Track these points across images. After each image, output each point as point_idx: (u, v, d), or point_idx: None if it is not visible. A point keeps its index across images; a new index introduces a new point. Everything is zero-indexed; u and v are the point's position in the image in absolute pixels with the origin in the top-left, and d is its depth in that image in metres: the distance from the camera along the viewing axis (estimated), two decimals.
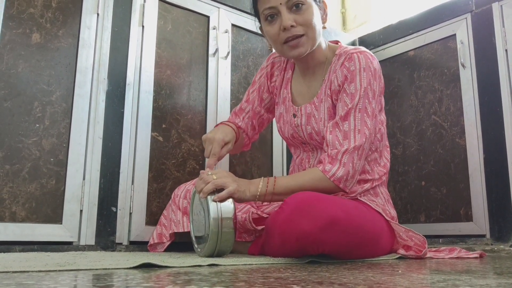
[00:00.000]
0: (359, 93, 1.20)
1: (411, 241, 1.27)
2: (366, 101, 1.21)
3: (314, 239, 1.06)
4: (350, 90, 1.21)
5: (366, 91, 1.21)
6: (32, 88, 1.34)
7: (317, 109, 1.30)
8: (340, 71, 1.25)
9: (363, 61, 1.22)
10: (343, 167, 1.17)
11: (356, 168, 1.19)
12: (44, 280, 0.61)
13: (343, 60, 1.26)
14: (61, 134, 1.37)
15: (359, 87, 1.21)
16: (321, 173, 1.18)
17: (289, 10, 1.20)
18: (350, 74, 1.22)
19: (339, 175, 1.17)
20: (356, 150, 1.18)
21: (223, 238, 1.09)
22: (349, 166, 1.18)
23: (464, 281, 0.65)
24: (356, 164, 1.19)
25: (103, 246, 1.38)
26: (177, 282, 0.61)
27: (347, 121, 1.20)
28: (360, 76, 1.21)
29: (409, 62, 2.02)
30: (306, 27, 1.21)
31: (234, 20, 1.82)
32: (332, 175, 1.17)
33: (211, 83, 1.71)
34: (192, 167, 1.62)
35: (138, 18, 1.58)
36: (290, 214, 1.09)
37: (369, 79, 1.22)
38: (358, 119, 1.20)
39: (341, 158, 1.18)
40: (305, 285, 0.58)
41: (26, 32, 1.35)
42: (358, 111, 1.20)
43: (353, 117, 1.20)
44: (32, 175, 1.30)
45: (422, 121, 1.93)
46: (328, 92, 1.28)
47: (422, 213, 1.87)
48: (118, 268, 0.81)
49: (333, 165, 1.18)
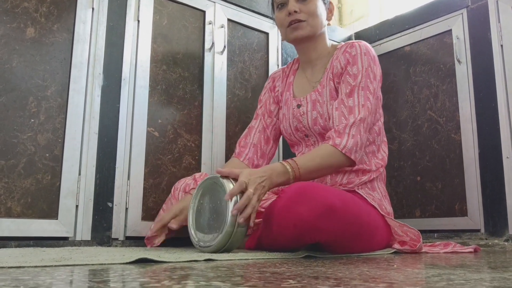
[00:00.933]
0: (361, 73, 1.31)
1: (406, 236, 1.29)
2: (368, 80, 1.31)
3: (311, 226, 1.08)
4: (352, 71, 1.32)
5: (367, 71, 1.32)
6: (27, 83, 1.33)
7: (321, 94, 1.39)
8: (342, 57, 1.36)
9: (363, 47, 1.35)
10: (352, 138, 1.24)
11: (363, 140, 1.27)
12: (40, 276, 0.61)
13: (345, 48, 1.39)
14: (57, 129, 1.36)
15: (361, 68, 1.32)
16: (332, 147, 1.23)
17: (296, 1, 1.38)
18: (352, 58, 1.34)
19: (349, 146, 1.23)
20: (362, 123, 1.26)
21: (235, 237, 1.08)
22: (357, 137, 1.24)
23: (459, 276, 0.65)
24: (362, 136, 1.26)
25: (99, 242, 1.38)
26: (173, 277, 0.62)
27: (351, 98, 1.29)
28: (361, 59, 1.33)
29: (405, 57, 2.02)
30: (308, 15, 1.38)
31: (230, 15, 1.81)
32: (343, 147, 1.23)
33: (207, 78, 1.71)
34: (188, 162, 1.61)
35: (134, 12, 1.57)
36: (288, 201, 1.10)
37: (369, 62, 1.33)
38: (362, 95, 1.29)
39: (349, 131, 1.25)
40: (301, 280, 0.59)
41: (21, 27, 1.34)
42: (361, 89, 1.29)
43: (357, 94, 1.29)
44: (28, 171, 1.30)
45: (417, 117, 1.93)
46: (331, 76, 1.38)
47: (417, 208, 1.88)
48: (114, 263, 0.81)
49: (342, 138, 1.24)
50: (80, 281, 0.59)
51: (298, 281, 0.57)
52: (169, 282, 0.56)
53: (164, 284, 0.54)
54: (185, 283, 0.54)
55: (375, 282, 0.57)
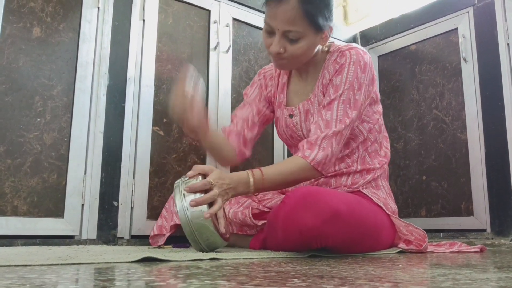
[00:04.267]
0: (344, 85, 1.24)
1: (411, 235, 1.28)
2: (350, 93, 1.24)
3: (317, 233, 1.07)
4: (336, 82, 1.26)
5: (352, 83, 1.24)
6: (33, 83, 1.34)
7: (313, 104, 1.33)
8: (332, 66, 1.29)
9: (354, 56, 1.27)
10: (322, 151, 1.20)
11: (334, 152, 1.22)
12: (46, 274, 0.62)
13: (336, 57, 1.30)
14: (62, 128, 1.37)
15: (344, 79, 1.25)
16: (301, 159, 1.20)
17: (283, 37, 1.22)
18: (339, 68, 1.27)
19: (318, 159, 1.20)
20: (335, 136, 1.21)
21: (197, 230, 1.03)
22: (328, 150, 1.20)
23: (465, 275, 0.65)
24: (334, 149, 1.21)
25: (105, 240, 1.39)
26: (179, 276, 0.62)
27: (330, 111, 1.23)
28: (348, 69, 1.25)
29: (411, 56, 2.01)
30: (292, 58, 1.25)
31: (235, 14, 1.81)
32: (312, 160, 1.19)
33: (212, 77, 1.71)
34: (193, 161, 1.62)
35: (139, 12, 1.57)
36: (293, 208, 1.09)
37: (357, 73, 1.25)
38: (341, 109, 1.23)
39: (320, 143, 1.21)
40: (306, 279, 0.59)
41: (27, 26, 1.35)
42: (341, 102, 1.23)
43: (336, 107, 1.23)
44: (34, 170, 1.31)
45: (423, 116, 1.92)
46: (321, 88, 1.32)
47: (423, 208, 1.87)
48: (119, 262, 0.82)
49: (312, 150, 1.20)
50: (85, 280, 0.59)
51: (303, 280, 0.57)
52: (174, 281, 0.56)
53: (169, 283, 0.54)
54: (190, 282, 0.55)
55: (380, 281, 0.57)
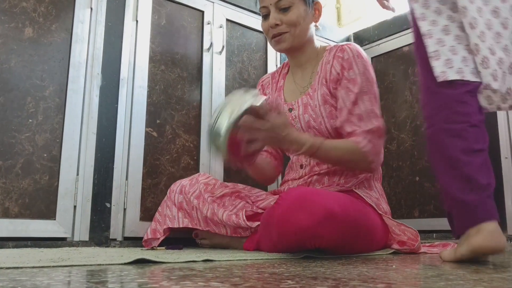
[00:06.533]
0: (360, 77, 1.29)
1: (404, 235, 1.29)
2: (368, 84, 1.30)
3: (312, 233, 1.07)
4: (350, 76, 1.30)
5: (365, 75, 1.30)
6: (25, 83, 1.33)
7: (312, 98, 1.38)
8: (336, 62, 1.34)
9: (354, 50, 1.33)
10: (369, 142, 1.25)
11: (380, 146, 1.28)
12: (37, 276, 0.61)
13: (335, 52, 1.36)
14: (55, 129, 1.36)
15: (357, 72, 1.30)
16: (355, 145, 1.24)
17: (277, 11, 1.36)
18: (346, 63, 1.32)
19: (367, 148, 1.25)
20: (376, 131, 1.27)
21: (213, 136, 1.08)
22: (374, 142, 1.25)
23: (458, 276, 0.65)
24: (378, 142, 1.27)
25: (97, 242, 1.38)
26: (172, 277, 0.61)
27: (357, 105, 1.28)
28: (356, 62, 1.31)
29: (404, 57, 2.02)
30: (290, 26, 1.36)
31: (229, 15, 1.81)
32: (363, 147, 1.24)
33: (206, 78, 1.70)
34: (187, 162, 1.61)
35: (132, 12, 1.56)
36: (288, 209, 1.10)
37: (364, 65, 1.32)
38: (367, 101, 1.28)
39: (366, 135, 1.25)
40: (300, 281, 0.58)
41: (19, 27, 1.34)
42: (364, 94, 1.29)
43: (361, 100, 1.28)
44: (25, 171, 1.29)
45: (416, 117, 1.93)
46: (323, 81, 1.36)
47: (416, 208, 1.88)
48: (112, 264, 0.81)
49: (361, 141, 1.25)
50: (78, 282, 0.59)
51: (296, 282, 0.57)
52: (168, 282, 0.56)
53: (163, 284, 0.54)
54: (184, 283, 0.54)
55: (374, 282, 0.57)
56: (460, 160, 0.90)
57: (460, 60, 0.93)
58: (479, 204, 0.88)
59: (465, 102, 0.92)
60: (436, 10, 0.97)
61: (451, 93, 0.93)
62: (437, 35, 0.96)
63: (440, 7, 0.97)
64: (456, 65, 0.93)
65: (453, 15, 0.96)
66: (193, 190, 1.41)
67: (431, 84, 0.95)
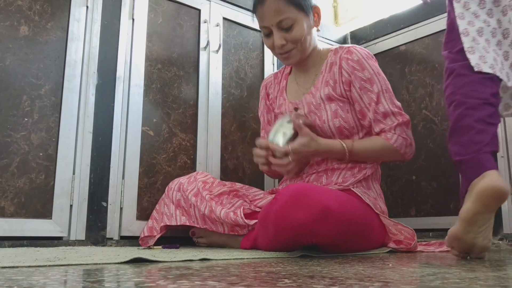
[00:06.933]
0: (376, 76, 1.33)
1: (401, 234, 1.29)
2: (386, 82, 1.35)
3: (308, 229, 1.08)
4: (365, 76, 1.33)
5: (380, 73, 1.34)
6: (20, 82, 1.32)
7: (314, 97, 1.39)
8: (345, 63, 1.35)
9: (362, 52, 1.36)
10: (399, 136, 1.31)
11: (410, 137, 1.34)
12: (33, 276, 0.61)
13: (341, 53, 1.37)
14: (50, 128, 1.35)
15: (372, 71, 1.33)
16: (385, 141, 1.31)
17: (280, 30, 1.34)
18: (357, 64, 1.33)
19: (399, 142, 1.31)
20: (404, 124, 1.33)
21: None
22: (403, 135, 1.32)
23: (454, 274, 0.65)
24: (408, 133, 1.34)
25: (94, 241, 1.38)
26: (168, 276, 0.61)
27: (380, 103, 1.32)
28: (368, 63, 1.34)
29: (401, 56, 2.03)
30: (295, 43, 1.35)
31: (226, 14, 1.81)
32: (394, 142, 1.31)
33: (202, 77, 1.70)
34: (183, 161, 1.61)
35: (128, 11, 1.56)
36: (285, 204, 1.10)
37: (375, 64, 1.35)
38: (387, 98, 1.33)
39: (395, 131, 1.31)
40: (296, 279, 0.58)
41: (14, 25, 1.33)
42: (384, 92, 1.33)
43: (384, 98, 1.32)
44: (21, 170, 1.29)
45: (413, 116, 1.93)
46: (330, 83, 1.37)
47: (412, 207, 1.88)
48: (109, 263, 0.81)
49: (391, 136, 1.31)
50: (74, 281, 0.59)
51: (293, 281, 0.57)
52: (164, 281, 0.56)
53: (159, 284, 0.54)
54: (180, 282, 0.54)
55: (370, 281, 0.57)
56: (474, 127, 0.99)
57: (492, 58, 1.02)
58: (482, 159, 0.97)
59: (485, 84, 1.01)
60: (474, 13, 1.06)
61: (474, 76, 1.02)
62: (472, 35, 1.05)
63: (478, 11, 1.06)
64: (489, 62, 1.02)
65: (488, 20, 1.06)
66: (191, 188, 1.41)
67: (458, 68, 1.04)
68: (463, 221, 0.94)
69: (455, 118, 1.03)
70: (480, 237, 0.95)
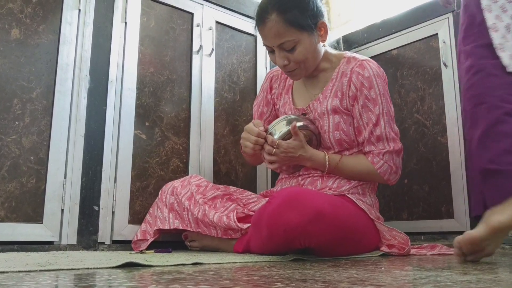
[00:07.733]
0: (380, 98, 1.33)
1: (394, 240, 1.29)
2: (388, 106, 1.35)
3: (301, 231, 1.08)
4: (371, 96, 1.32)
5: (385, 96, 1.34)
6: (11, 85, 1.31)
7: (321, 104, 1.38)
8: (355, 78, 1.34)
9: (374, 68, 1.35)
10: (386, 163, 1.33)
11: (398, 165, 1.35)
12: (24, 281, 0.60)
13: (353, 65, 1.35)
14: (42, 131, 1.34)
15: (378, 92, 1.33)
16: (371, 165, 1.33)
17: (282, 50, 1.31)
18: (366, 81, 1.32)
19: (383, 169, 1.33)
20: (395, 152, 1.34)
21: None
22: (390, 163, 1.33)
23: (446, 277, 0.66)
24: (396, 162, 1.35)
25: (85, 246, 1.37)
26: (161, 281, 0.61)
27: (378, 126, 1.33)
28: (377, 82, 1.33)
29: (392, 61, 2.04)
30: (298, 64, 1.33)
31: (218, 17, 1.81)
32: (379, 168, 1.32)
33: (195, 80, 1.70)
34: (176, 165, 1.60)
35: (121, 14, 1.55)
36: (278, 206, 1.10)
37: (384, 85, 1.35)
38: (387, 122, 1.34)
39: (383, 157, 1.33)
40: (289, 283, 0.58)
41: (5, 28, 1.32)
42: (385, 115, 1.33)
43: (383, 121, 1.33)
44: (12, 174, 1.28)
45: (405, 120, 1.95)
46: (338, 94, 1.36)
47: (404, 211, 1.89)
48: (100, 268, 0.80)
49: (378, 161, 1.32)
50: (65, 286, 0.58)
51: (286, 284, 0.57)
52: (156, 286, 0.55)
53: None
54: (173, 287, 0.54)
55: (363, 284, 0.57)
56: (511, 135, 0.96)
57: None
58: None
59: None
60: (502, 6, 1.03)
61: (507, 78, 1.00)
62: (502, 31, 1.02)
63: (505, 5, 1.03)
64: None
65: None
66: (184, 192, 1.41)
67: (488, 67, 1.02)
68: (492, 230, 0.92)
69: (490, 122, 0.99)
70: (493, 244, 0.95)
